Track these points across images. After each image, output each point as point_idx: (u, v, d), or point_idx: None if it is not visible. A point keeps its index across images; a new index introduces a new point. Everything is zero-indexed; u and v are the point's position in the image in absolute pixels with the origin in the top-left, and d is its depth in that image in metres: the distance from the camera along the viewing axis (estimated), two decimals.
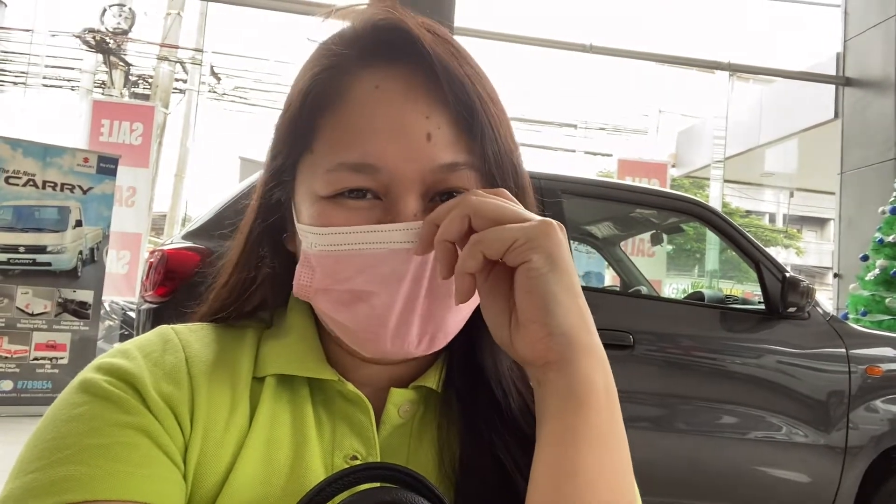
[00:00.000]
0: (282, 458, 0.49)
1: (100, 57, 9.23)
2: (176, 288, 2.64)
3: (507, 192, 0.48)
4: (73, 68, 9.41)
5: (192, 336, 0.53)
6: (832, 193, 7.61)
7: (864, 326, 4.08)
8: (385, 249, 0.47)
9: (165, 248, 2.78)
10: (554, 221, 0.45)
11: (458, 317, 0.51)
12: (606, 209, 3.63)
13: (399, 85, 0.49)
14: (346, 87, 0.50)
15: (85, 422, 0.44)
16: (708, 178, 9.79)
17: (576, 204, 3.08)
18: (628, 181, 7.09)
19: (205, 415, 0.48)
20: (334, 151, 0.49)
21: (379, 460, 0.51)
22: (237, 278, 0.57)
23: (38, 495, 0.41)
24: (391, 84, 0.49)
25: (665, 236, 4.08)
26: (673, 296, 8.35)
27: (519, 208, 0.46)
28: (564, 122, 10.64)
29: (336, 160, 0.49)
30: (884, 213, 5.57)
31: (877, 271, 5.37)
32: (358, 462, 0.51)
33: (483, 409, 0.54)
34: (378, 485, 0.44)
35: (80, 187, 5.13)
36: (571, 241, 3.19)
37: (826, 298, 7.91)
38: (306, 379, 0.53)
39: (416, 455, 0.53)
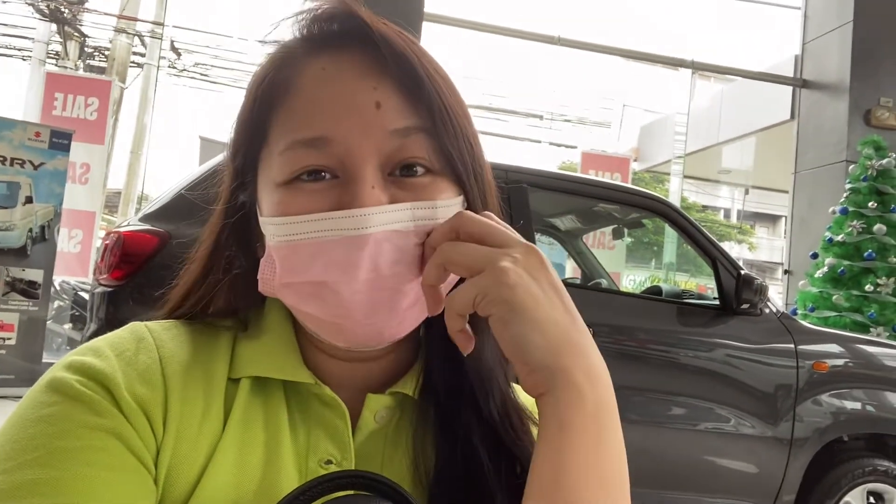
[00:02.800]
0: (255, 462, 0.48)
1: (54, 26, 8.87)
2: (132, 272, 2.57)
3: (493, 215, 0.50)
4: (25, 37, 9.03)
5: (167, 335, 0.52)
6: (785, 192, 7.83)
7: (811, 322, 4.23)
8: (338, 237, 0.47)
9: (122, 229, 2.71)
10: (520, 253, 0.46)
11: (419, 306, 0.51)
12: (570, 203, 3.67)
13: (345, 64, 0.50)
14: (295, 76, 0.51)
15: (54, 423, 0.43)
16: (668, 173, 9.97)
17: (540, 197, 3.11)
18: (591, 174, 7.17)
19: (178, 417, 0.47)
20: (287, 133, 0.50)
21: (353, 466, 0.51)
22: (205, 283, 0.56)
23: (5, 499, 0.40)
24: (338, 64, 0.50)
25: (626, 230, 4.15)
26: (630, 288, 8.50)
27: (501, 230, 0.48)
28: (530, 112, 10.68)
29: (289, 140, 0.49)
30: (834, 213, 5.75)
31: (825, 269, 5.55)
32: (332, 466, 0.50)
33: (461, 416, 0.53)
34: (352, 492, 0.44)
35: (31, 162, 4.94)
36: (535, 234, 3.21)
37: (776, 293, 8.16)
38: (282, 381, 0.52)
39: (391, 461, 0.53)
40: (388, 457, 0.53)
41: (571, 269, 6.28)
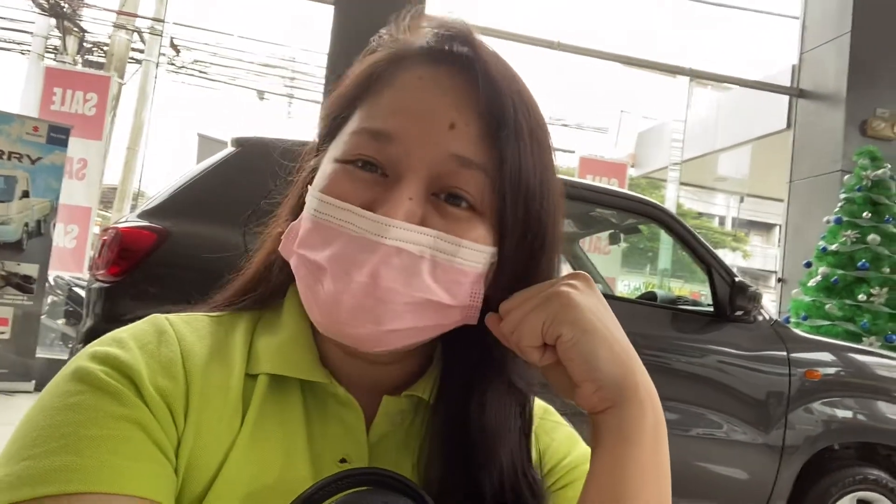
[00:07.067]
0: (271, 457, 0.49)
1: (53, 21, 8.85)
2: (130, 268, 2.57)
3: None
4: (24, 31, 9.00)
5: (187, 328, 0.53)
6: (780, 200, 7.85)
7: (804, 331, 4.26)
8: (357, 233, 0.48)
9: (120, 225, 2.70)
10: (573, 279, 0.51)
11: (410, 323, 0.50)
12: (566, 207, 3.66)
13: (441, 79, 0.51)
14: (396, 74, 0.52)
15: (81, 412, 0.44)
16: (664, 180, 10.01)
17: None
18: (589, 179, 7.19)
19: (198, 411, 0.48)
20: (364, 119, 0.51)
21: (367, 464, 0.51)
22: (267, 254, 0.58)
23: (33, 483, 0.41)
24: (435, 77, 0.51)
25: (623, 236, 4.16)
26: (625, 293, 8.53)
27: (541, 283, 0.51)
28: None
29: (362, 125, 0.51)
30: (828, 222, 5.78)
31: (819, 278, 5.57)
32: (347, 465, 0.51)
33: (466, 426, 0.53)
34: (367, 488, 0.45)
35: (28, 157, 4.93)
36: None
37: (769, 301, 8.18)
38: (299, 378, 0.53)
39: (401, 465, 0.53)
40: (398, 460, 0.54)
41: None
